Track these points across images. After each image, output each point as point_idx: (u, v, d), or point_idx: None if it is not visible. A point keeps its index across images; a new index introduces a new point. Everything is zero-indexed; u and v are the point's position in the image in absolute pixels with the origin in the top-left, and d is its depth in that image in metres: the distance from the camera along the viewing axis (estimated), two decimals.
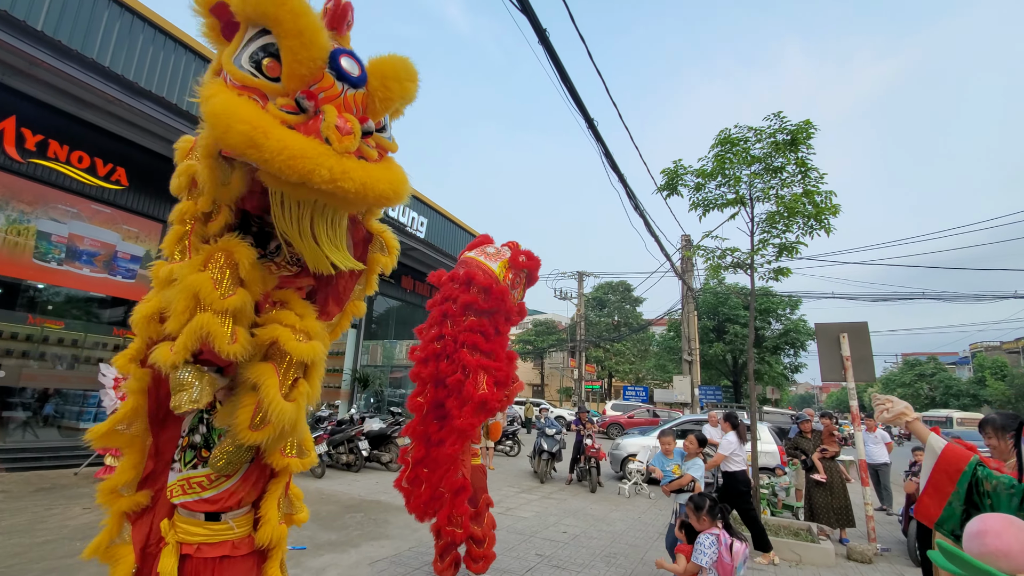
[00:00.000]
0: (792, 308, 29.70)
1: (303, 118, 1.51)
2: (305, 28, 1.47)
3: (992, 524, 1.30)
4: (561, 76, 5.73)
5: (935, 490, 1.70)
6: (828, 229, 6.73)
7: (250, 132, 1.37)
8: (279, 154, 1.37)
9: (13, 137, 7.52)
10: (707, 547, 3.16)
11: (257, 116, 1.41)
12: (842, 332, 6.92)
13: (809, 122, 6.83)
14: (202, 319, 1.56)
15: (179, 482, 1.82)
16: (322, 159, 1.41)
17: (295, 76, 1.51)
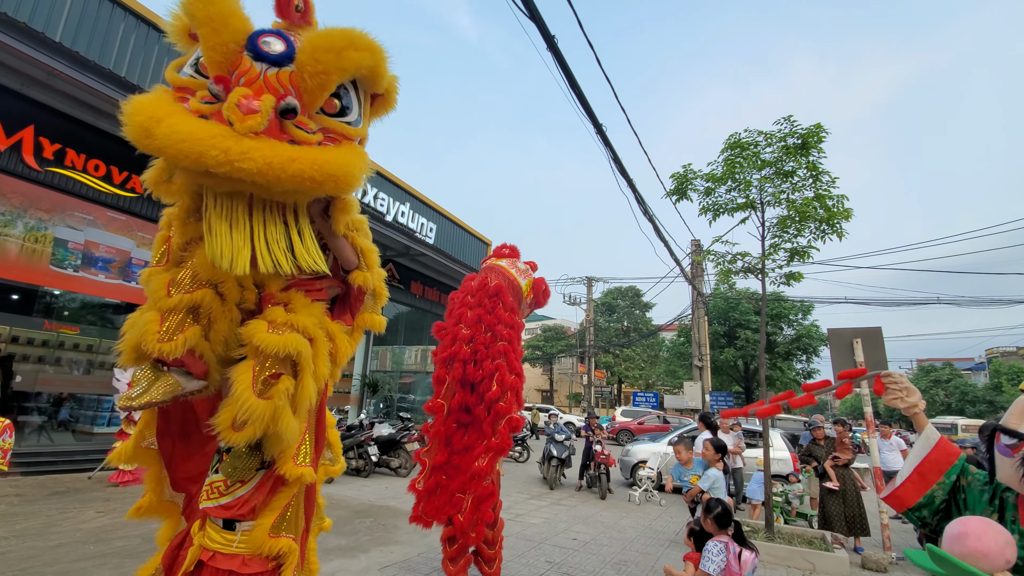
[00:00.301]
0: (804, 313, 29.41)
1: (218, 106, 1.47)
2: (216, 15, 1.46)
3: (972, 527, 1.38)
4: (570, 82, 5.75)
5: (920, 477, 1.80)
6: (840, 233, 6.67)
7: (144, 122, 1.36)
8: (168, 139, 1.34)
9: (31, 146, 7.68)
10: (715, 554, 3.11)
11: (153, 107, 1.40)
12: (856, 338, 6.84)
13: (820, 126, 6.78)
14: (142, 317, 1.58)
15: (206, 486, 1.82)
16: (214, 140, 1.35)
17: (213, 64, 1.50)
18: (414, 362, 21.68)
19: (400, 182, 15.22)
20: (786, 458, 9.40)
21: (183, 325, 1.61)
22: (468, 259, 18.24)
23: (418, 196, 15.96)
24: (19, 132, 7.56)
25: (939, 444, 1.82)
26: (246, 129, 1.40)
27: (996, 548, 1.33)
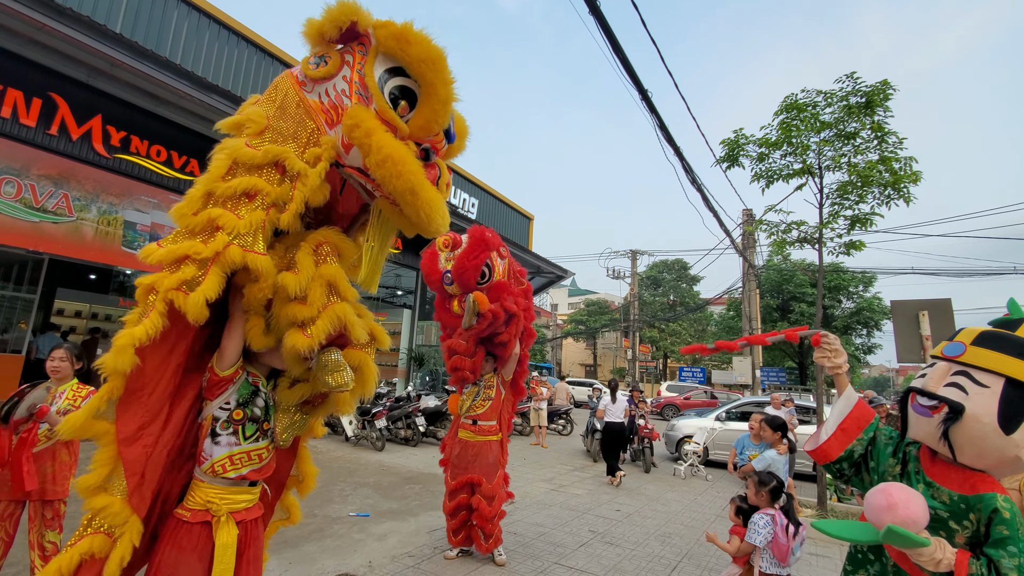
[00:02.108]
0: (866, 285, 27.80)
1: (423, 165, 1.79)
2: (450, 97, 1.77)
3: (898, 496, 1.55)
4: (613, 47, 5.52)
5: (843, 433, 2.01)
6: (908, 198, 6.19)
7: (415, 182, 1.67)
8: (427, 204, 1.70)
9: (100, 135, 8.17)
10: (761, 527, 3.05)
11: (418, 167, 1.71)
12: (922, 310, 6.40)
13: (887, 82, 6.26)
14: (342, 309, 1.77)
15: (239, 454, 1.84)
16: (445, 215, 1.80)
17: (426, 130, 1.80)
18: None
19: None
20: None
21: None
22: (510, 234, 18.22)
23: (460, 172, 15.99)
24: (89, 121, 8.05)
25: (859, 404, 2.04)
26: (445, 197, 1.88)
27: (921, 511, 1.53)
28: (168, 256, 1.67)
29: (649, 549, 5.04)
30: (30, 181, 7.57)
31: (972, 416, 1.62)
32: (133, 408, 1.69)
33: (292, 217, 1.77)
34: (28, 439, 2.93)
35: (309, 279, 1.73)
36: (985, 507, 1.61)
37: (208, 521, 1.79)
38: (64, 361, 3.21)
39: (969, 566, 1.52)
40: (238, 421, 1.86)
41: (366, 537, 4.72)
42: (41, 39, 6.99)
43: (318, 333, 1.69)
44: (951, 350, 1.78)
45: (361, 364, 1.89)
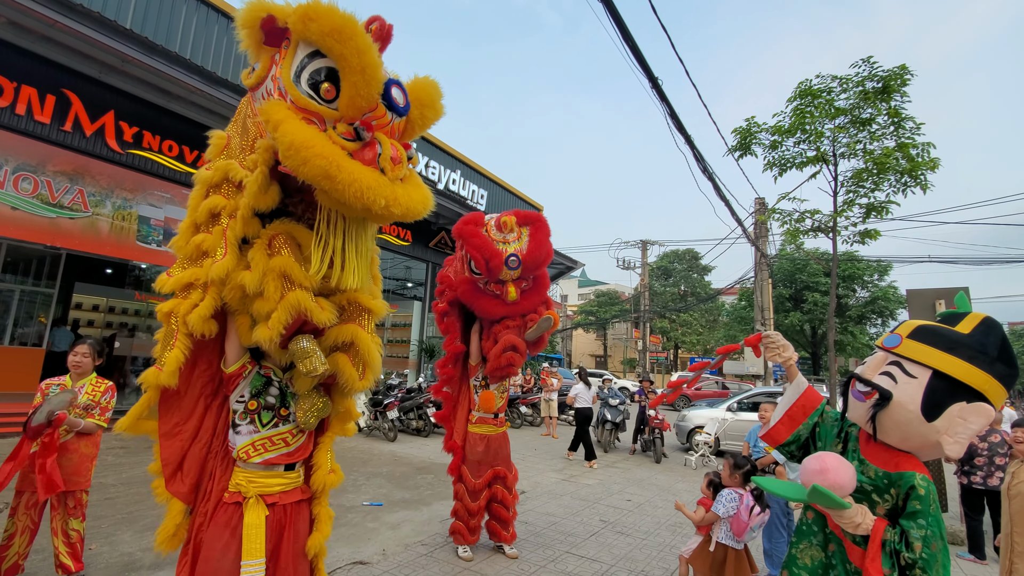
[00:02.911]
0: (881, 274, 27.38)
1: (359, 145, 1.69)
2: (368, 65, 1.61)
3: (830, 462, 1.78)
4: (623, 34, 5.44)
5: (790, 419, 2.20)
6: (925, 186, 6.07)
7: (326, 166, 1.55)
8: (349, 186, 1.57)
9: (113, 130, 8.25)
10: (727, 500, 3.21)
11: (330, 150, 1.59)
12: (938, 299, 6.30)
13: (905, 67, 6.11)
14: (296, 296, 1.75)
15: (260, 440, 1.99)
16: (381, 190, 1.63)
17: (354, 107, 1.67)
18: None
19: (451, 149, 15.25)
20: None
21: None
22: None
23: (469, 163, 15.94)
24: (102, 117, 8.13)
25: (806, 392, 2.21)
26: (395, 177, 1.71)
27: (848, 479, 1.77)
28: (177, 285, 1.92)
29: (659, 539, 5.05)
30: (46, 177, 7.68)
31: (898, 403, 1.80)
32: (171, 409, 2.01)
33: (241, 223, 1.83)
34: (50, 443, 2.94)
35: (263, 274, 1.77)
36: (904, 483, 1.80)
37: (240, 502, 1.97)
38: (87, 357, 3.27)
39: (884, 532, 1.73)
40: (253, 411, 2.01)
41: (380, 526, 4.78)
42: (53, 36, 7.05)
43: (276, 324, 1.75)
44: (889, 341, 1.93)
45: (354, 338, 1.95)
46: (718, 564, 3.20)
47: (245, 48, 1.85)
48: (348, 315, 2.05)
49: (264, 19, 1.75)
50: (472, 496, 4.21)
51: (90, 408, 3.21)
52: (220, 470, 2.06)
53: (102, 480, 5.42)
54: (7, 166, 7.31)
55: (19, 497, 3.08)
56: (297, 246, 1.88)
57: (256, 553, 1.88)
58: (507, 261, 3.86)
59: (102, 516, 4.42)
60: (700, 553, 3.31)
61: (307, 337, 1.90)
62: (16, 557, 3.05)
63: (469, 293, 4.11)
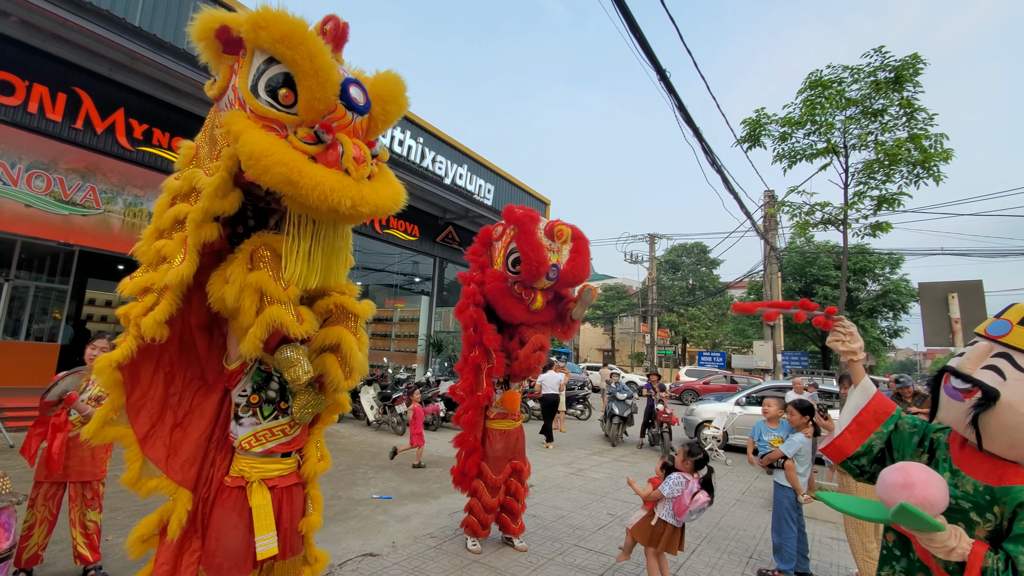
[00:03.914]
0: (892, 267, 27.06)
1: (321, 147, 1.69)
2: (321, 68, 1.62)
3: (917, 475, 1.44)
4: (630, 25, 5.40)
5: (859, 427, 1.86)
6: (937, 177, 5.98)
7: (287, 172, 1.57)
8: (313, 190, 1.59)
9: (124, 128, 8.33)
10: (673, 482, 3.49)
11: (291, 156, 1.60)
12: (951, 292, 6.22)
13: (917, 56, 6.01)
14: (272, 312, 1.80)
15: (262, 431, 2.11)
16: (346, 191, 1.64)
17: (312, 111, 1.68)
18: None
19: (457, 144, 15.22)
20: None
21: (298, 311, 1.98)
22: None
23: (475, 157, 15.92)
24: (112, 115, 8.21)
25: (876, 396, 1.88)
26: (359, 176, 1.72)
27: (940, 494, 1.42)
28: (135, 288, 1.95)
29: None
30: (58, 175, 7.78)
31: (1007, 404, 1.47)
32: (141, 414, 2.06)
33: (194, 226, 1.84)
34: (59, 424, 3.06)
35: (240, 289, 1.82)
36: (1012, 500, 1.47)
37: (243, 486, 2.09)
38: (104, 351, 3.32)
39: (984, 559, 1.39)
40: (255, 404, 2.12)
41: (389, 519, 4.83)
42: (64, 34, 7.12)
43: (252, 339, 1.81)
44: (995, 329, 1.59)
45: (340, 340, 2.04)
46: (656, 537, 3.51)
47: (205, 60, 1.88)
48: (336, 318, 2.13)
49: (218, 29, 1.78)
50: (492, 491, 4.18)
51: (102, 399, 3.27)
52: (220, 458, 2.18)
53: (117, 473, 5.49)
54: (20, 164, 7.41)
55: (37, 488, 3.15)
56: (279, 259, 1.91)
57: (268, 528, 2.04)
58: (549, 272, 3.73)
59: (118, 508, 4.50)
60: (641, 525, 3.61)
61: (292, 346, 1.98)
62: (36, 547, 3.12)
63: (498, 291, 3.93)
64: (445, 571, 3.78)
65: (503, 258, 3.96)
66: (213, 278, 1.96)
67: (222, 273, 1.93)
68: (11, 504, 2.47)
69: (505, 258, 3.93)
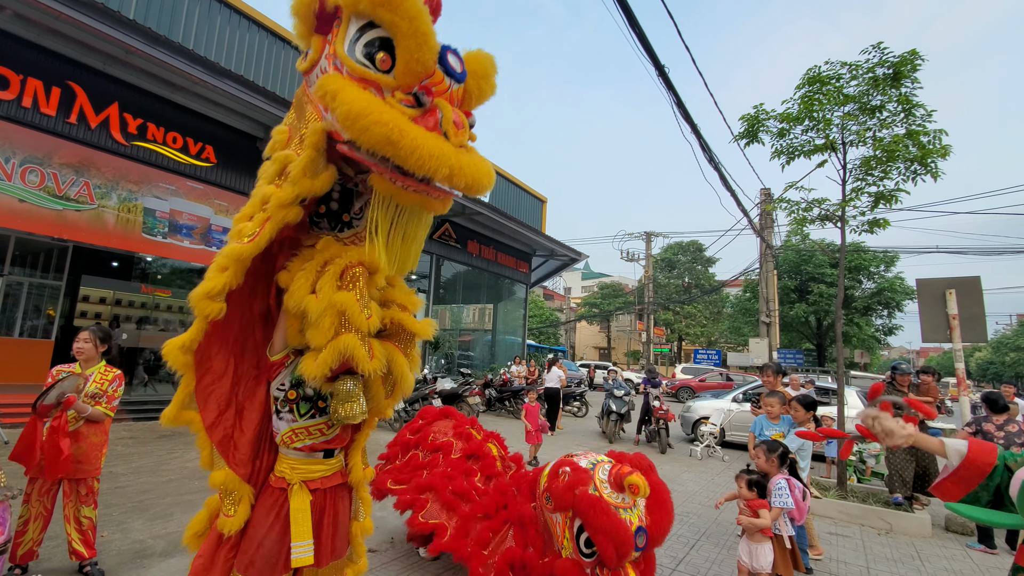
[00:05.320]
0: (887, 265, 27.21)
1: (420, 111, 1.61)
2: (421, 30, 1.56)
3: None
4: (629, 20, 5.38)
5: (960, 480, 1.75)
6: (935, 174, 5.99)
7: (387, 131, 1.47)
8: (413, 152, 1.48)
9: (118, 122, 8.25)
10: (782, 491, 3.12)
11: (391, 115, 1.51)
12: (949, 288, 6.26)
13: (915, 52, 6.02)
14: (346, 341, 1.72)
15: (299, 429, 2.04)
16: (445, 157, 1.53)
17: (411, 73, 1.60)
18: (472, 320, 22.22)
19: None
20: None
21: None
22: (524, 216, 18.13)
23: None
24: (106, 109, 8.13)
25: (970, 453, 1.73)
26: (458, 143, 1.61)
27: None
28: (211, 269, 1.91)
29: None
30: (52, 170, 7.70)
31: None
32: (210, 401, 2.02)
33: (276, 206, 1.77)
34: (59, 426, 3.00)
35: (325, 307, 1.74)
36: None
37: (284, 487, 2.04)
38: (88, 343, 3.28)
39: None
40: (292, 400, 2.03)
41: (387, 514, 4.81)
42: (58, 27, 7.05)
43: (322, 365, 1.73)
44: None
45: (391, 360, 1.96)
46: (792, 556, 3.16)
47: (298, 36, 1.82)
48: (390, 334, 2.05)
49: (318, 6, 1.71)
50: None
51: (98, 396, 3.23)
52: (267, 451, 2.13)
53: (112, 469, 5.47)
54: (14, 158, 7.33)
55: (32, 484, 3.12)
56: (371, 280, 1.86)
57: (304, 535, 1.97)
58: (636, 540, 2.59)
59: (113, 504, 4.46)
60: (781, 558, 3.12)
61: (354, 379, 1.88)
62: (31, 543, 3.09)
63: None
64: (438, 571, 3.76)
65: (570, 541, 2.73)
66: (297, 281, 1.83)
67: (305, 276, 1.83)
68: (6, 498, 2.43)
69: (575, 540, 2.71)
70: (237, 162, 9.80)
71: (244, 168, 9.88)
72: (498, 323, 20.08)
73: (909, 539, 5.29)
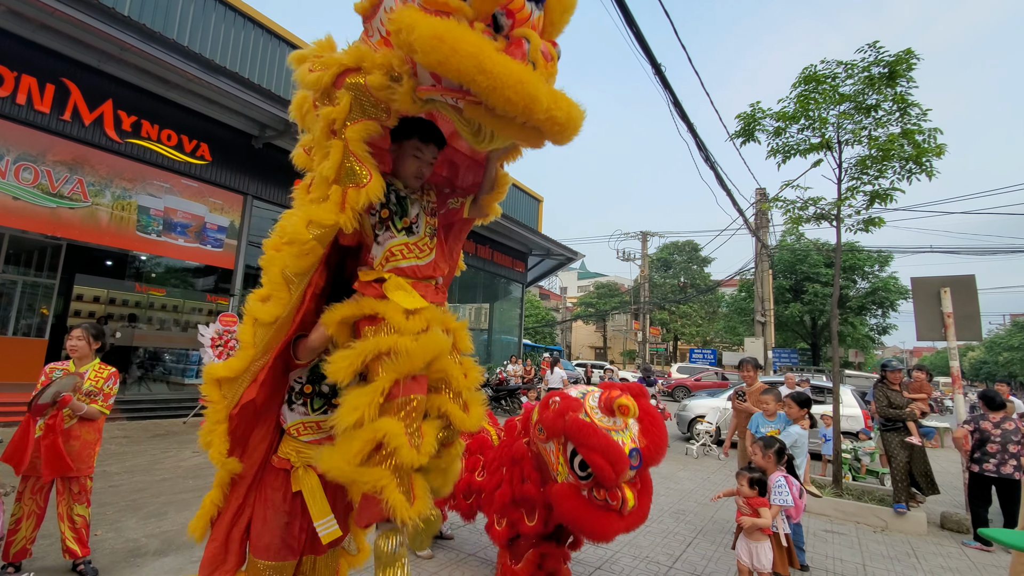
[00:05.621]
0: (881, 265, 27.35)
1: (503, 42, 1.40)
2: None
3: None
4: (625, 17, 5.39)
5: None
6: (930, 173, 6.01)
7: (477, 56, 1.25)
8: (504, 79, 1.26)
9: (112, 120, 8.19)
10: (781, 489, 3.13)
11: (479, 41, 1.30)
12: (943, 287, 6.30)
13: (911, 51, 6.04)
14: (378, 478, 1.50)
15: (310, 423, 1.96)
16: (541, 88, 1.31)
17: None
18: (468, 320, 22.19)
19: None
20: (857, 415, 8.99)
21: None
22: (519, 216, 18.13)
23: None
24: (100, 106, 8.07)
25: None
26: (548, 76, 1.41)
27: None
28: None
29: (664, 525, 5.07)
30: (46, 167, 7.64)
31: None
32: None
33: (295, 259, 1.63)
34: (55, 425, 2.97)
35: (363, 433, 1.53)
36: None
37: (288, 469, 1.96)
38: (81, 340, 3.25)
39: None
40: (307, 395, 1.96)
41: None
42: (52, 24, 6.99)
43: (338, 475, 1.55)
44: None
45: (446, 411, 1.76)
46: (789, 553, 3.13)
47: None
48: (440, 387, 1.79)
49: None
50: None
51: (92, 394, 3.20)
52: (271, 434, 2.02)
53: (106, 468, 5.43)
54: (8, 156, 7.27)
55: (25, 482, 3.09)
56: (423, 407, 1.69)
57: (324, 511, 1.91)
58: (631, 459, 2.64)
59: (107, 503, 4.43)
60: (780, 558, 3.12)
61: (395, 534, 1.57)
62: (24, 541, 3.06)
63: (578, 510, 2.63)
64: (435, 570, 3.75)
65: (564, 466, 2.76)
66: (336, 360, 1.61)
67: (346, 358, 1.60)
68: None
69: (569, 464, 2.74)
70: (232, 160, 9.75)
71: (239, 166, 9.83)
72: (494, 322, 20.07)
73: (905, 536, 5.31)
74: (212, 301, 13.35)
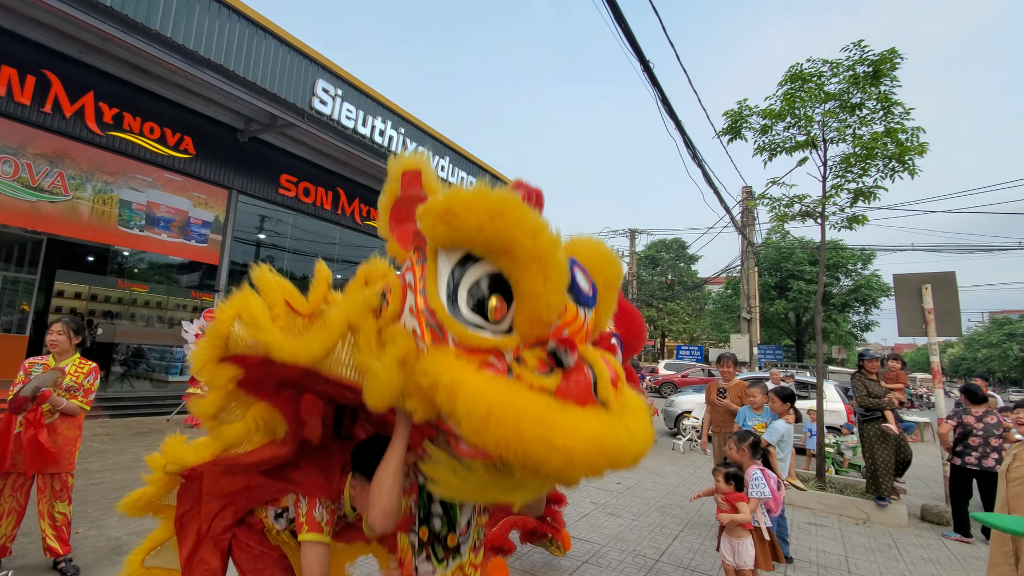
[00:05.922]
0: (864, 263, 27.81)
1: (558, 375, 1.06)
2: (552, 275, 1.05)
3: None
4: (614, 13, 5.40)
5: None
6: (912, 171, 6.11)
7: (546, 437, 0.95)
8: (583, 458, 0.95)
9: (93, 112, 8.03)
10: (758, 481, 3.11)
11: (544, 410, 0.98)
12: (925, 283, 6.41)
13: (895, 51, 6.13)
14: None
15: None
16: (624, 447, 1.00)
17: (539, 323, 1.08)
18: None
19: (439, 135, 15.08)
20: (840, 409, 9.14)
21: None
22: None
23: (457, 149, 15.80)
24: (81, 99, 7.90)
25: None
26: (620, 411, 1.07)
27: None
28: None
29: (650, 520, 5.12)
30: (26, 160, 7.47)
31: None
32: None
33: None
34: (35, 420, 2.93)
35: None
36: None
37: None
38: (61, 335, 3.20)
39: None
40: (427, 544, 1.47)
41: None
42: (34, 14, 6.84)
43: None
44: None
45: None
46: (772, 548, 3.09)
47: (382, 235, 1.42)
48: None
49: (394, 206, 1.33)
50: None
51: (73, 390, 3.15)
52: None
53: (87, 466, 5.34)
54: None
55: (5, 479, 3.03)
56: None
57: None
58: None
59: (88, 501, 4.36)
60: (762, 554, 3.08)
61: None
62: (4, 539, 3.01)
63: None
64: None
65: None
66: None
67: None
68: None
69: None
70: (216, 154, 9.61)
71: (223, 160, 9.69)
72: None
73: (886, 528, 5.42)
74: (196, 297, 13.16)
